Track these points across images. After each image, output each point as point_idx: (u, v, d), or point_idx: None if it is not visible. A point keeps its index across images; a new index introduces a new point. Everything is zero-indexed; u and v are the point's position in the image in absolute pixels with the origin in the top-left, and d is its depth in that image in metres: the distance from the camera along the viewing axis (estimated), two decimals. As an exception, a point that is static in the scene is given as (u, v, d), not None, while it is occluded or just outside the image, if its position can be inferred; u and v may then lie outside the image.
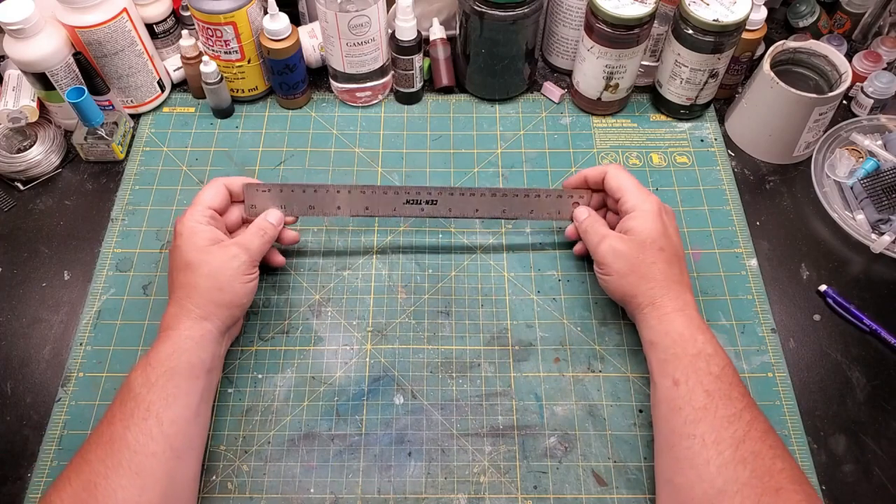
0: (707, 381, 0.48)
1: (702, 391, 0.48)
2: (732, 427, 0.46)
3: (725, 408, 0.47)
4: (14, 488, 0.53)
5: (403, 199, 0.60)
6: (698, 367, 0.49)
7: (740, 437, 0.45)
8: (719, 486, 0.44)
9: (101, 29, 0.65)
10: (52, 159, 0.71)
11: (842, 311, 0.61)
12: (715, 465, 0.45)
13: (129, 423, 0.46)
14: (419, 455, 0.54)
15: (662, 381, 0.50)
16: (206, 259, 0.53)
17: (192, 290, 0.52)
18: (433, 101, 0.77)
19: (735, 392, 0.48)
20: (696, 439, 0.46)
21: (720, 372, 0.49)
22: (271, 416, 0.56)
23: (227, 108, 0.75)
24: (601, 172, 0.59)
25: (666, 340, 0.51)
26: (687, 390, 0.48)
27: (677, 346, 0.50)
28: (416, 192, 0.60)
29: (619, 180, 0.57)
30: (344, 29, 0.67)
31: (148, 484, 0.45)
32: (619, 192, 0.57)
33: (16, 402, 0.57)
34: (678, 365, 0.50)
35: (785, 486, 0.44)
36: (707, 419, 0.46)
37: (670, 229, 0.56)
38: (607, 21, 0.65)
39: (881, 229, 0.65)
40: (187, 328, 0.51)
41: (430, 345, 0.59)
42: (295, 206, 0.60)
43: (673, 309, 0.52)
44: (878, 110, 0.74)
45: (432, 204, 0.61)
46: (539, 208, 0.61)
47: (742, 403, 0.47)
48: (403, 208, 0.61)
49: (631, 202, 0.56)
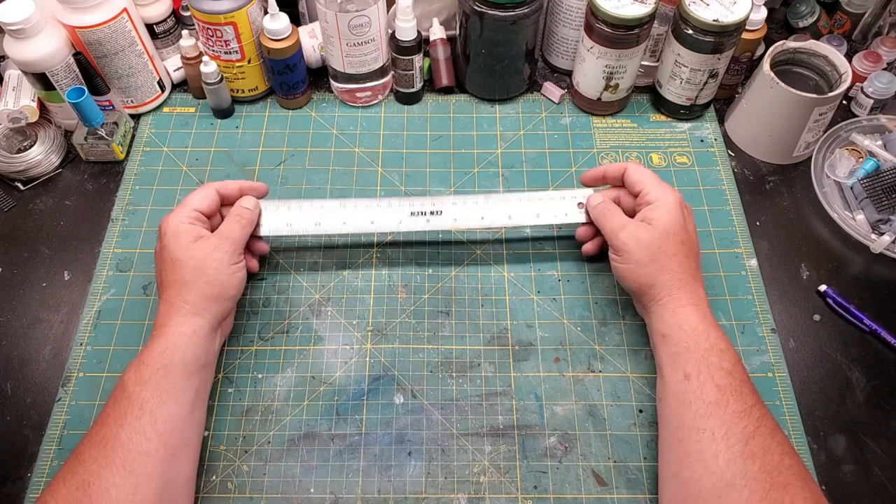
0: (719, 375, 0.48)
1: (713, 386, 0.48)
2: (742, 422, 0.46)
3: (736, 403, 0.47)
4: (14, 488, 0.53)
5: (408, 212, 0.60)
6: (710, 361, 0.49)
7: (750, 433, 0.46)
8: (728, 480, 0.44)
9: (102, 29, 0.65)
10: (53, 159, 0.71)
11: (842, 311, 0.61)
12: (724, 458, 0.45)
13: (122, 421, 0.46)
14: (419, 455, 0.54)
15: (673, 375, 0.50)
16: (191, 254, 0.53)
17: (180, 286, 0.52)
18: (433, 102, 0.77)
19: (745, 389, 0.48)
20: (705, 433, 0.46)
21: (731, 368, 0.49)
22: (271, 415, 0.56)
23: (227, 108, 0.75)
24: (621, 168, 0.59)
25: (679, 333, 0.51)
26: (698, 384, 0.48)
27: (690, 340, 0.50)
28: (421, 204, 0.60)
29: (640, 174, 0.57)
30: (344, 29, 0.67)
31: (142, 482, 0.45)
32: (641, 184, 0.57)
33: (16, 402, 0.57)
34: (690, 359, 0.49)
35: (793, 482, 0.44)
36: (718, 413, 0.47)
37: (689, 225, 0.56)
38: (607, 21, 0.65)
39: (881, 229, 0.65)
40: (178, 325, 0.51)
41: (430, 344, 0.59)
42: (301, 223, 0.60)
43: (688, 303, 0.52)
44: (878, 110, 0.74)
45: (437, 215, 0.60)
46: (545, 211, 0.61)
47: (752, 400, 0.48)
48: (409, 221, 0.60)
49: (653, 194, 0.56)
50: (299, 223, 0.60)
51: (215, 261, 0.53)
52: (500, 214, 0.61)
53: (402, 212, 0.60)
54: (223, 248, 0.54)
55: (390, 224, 0.60)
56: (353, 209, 0.60)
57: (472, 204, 0.61)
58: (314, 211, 0.60)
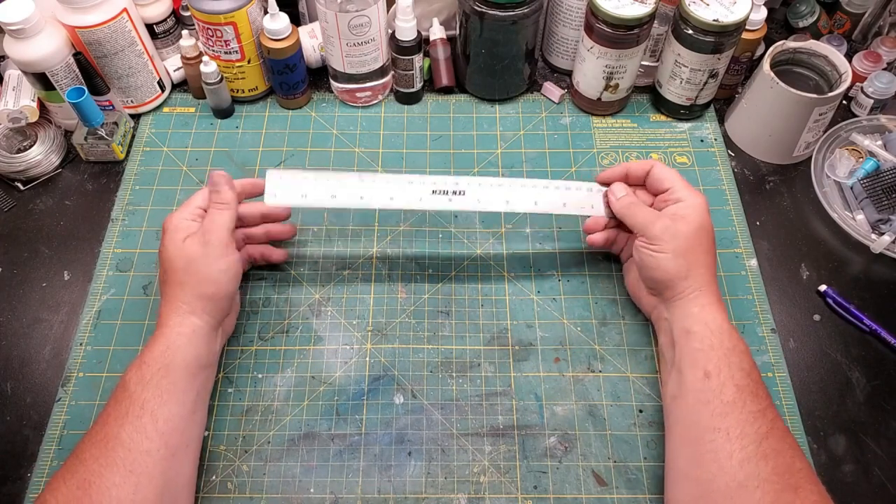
0: (738, 376, 0.48)
1: (733, 385, 0.48)
2: (757, 423, 0.46)
3: (752, 404, 0.47)
4: (14, 488, 0.53)
5: (430, 189, 0.58)
6: (732, 361, 0.49)
7: (763, 434, 0.46)
8: (740, 480, 0.44)
9: (101, 29, 0.65)
10: (53, 159, 0.71)
11: (842, 311, 0.61)
12: (737, 458, 0.45)
13: (123, 421, 0.46)
14: (419, 455, 0.54)
15: (692, 373, 0.50)
16: (182, 253, 0.52)
17: (175, 285, 0.52)
18: (433, 102, 0.77)
19: (761, 390, 0.48)
20: (720, 432, 0.46)
21: (750, 369, 0.49)
22: (271, 415, 0.56)
23: (227, 108, 0.75)
24: (646, 166, 0.58)
25: (705, 331, 0.51)
26: (718, 383, 0.48)
27: (714, 338, 0.50)
28: (444, 182, 0.58)
29: (667, 173, 0.57)
30: (344, 29, 0.67)
31: (142, 482, 0.44)
32: (669, 182, 0.56)
33: (16, 402, 0.57)
34: (712, 357, 0.49)
35: (803, 485, 0.44)
36: (734, 413, 0.47)
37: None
38: (607, 21, 0.65)
39: (881, 229, 0.65)
40: (177, 324, 0.51)
41: (430, 344, 0.59)
42: (316, 195, 0.57)
43: (716, 300, 0.53)
44: (878, 110, 0.74)
45: (460, 195, 0.58)
46: (572, 202, 0.59)
47: (766, 402, 0.48)
48: (430, 199, 0.58)
49: (681, 192, 0.55)
50: (314, 195, 0.57)
51: (202, 256, 0.52)
52: (526, 200, 0.58)
53: (423, 189, 0.57)
54: (210, 243, 0.52)
55: (410, 200, 0.57)
56: (372, 183, 0.57)
57: (496, 187, 0.58)
58: (331, 183, 0.57)
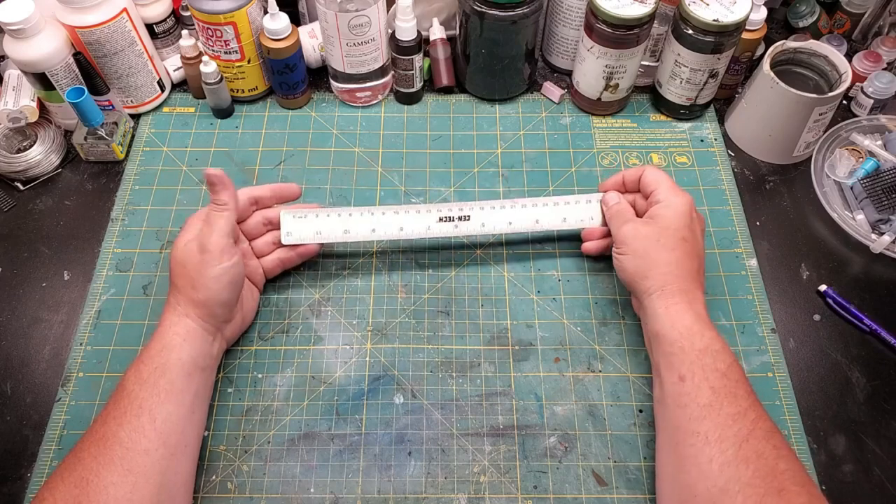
0: (713, 377, 0.48)
1: (707, 388, 0.47)
2: (736, 425, 0.46)
3: (730, 406, 0.46)
4: (14, 488, 0.53)
5: (436, 217, 0.60)
6: (705, 362, 0.48)
7: (744, 436, 0.45)
8: (721, 486, 0.44)
9: (101, 29, 0.65)
10: (52, 159, 0.71)
11: (842, 311, 0.61)
12: (717, 463, 0.44)
13: (122, 420, 0.46)
14: (419, 455, 0.54)
15: (668, 376, 0.50)
16: (180, 255, 0.52)
17: (173, 286, 0.53)
18: (433, 101, 0.77)
19: (741, 390, 0.48)
20: (699, 436, 0.46)
21: (726, 369, 0.48)
22: (271, 415, 0.56)
23: (227, 108, 0.75)
24: (639, 171, 0.59)
25: (672, 333, 0.50)
26: (693, 386, 0.48)
27: (684, 340, 0.50)
28: (449, 209, 0.60)
29: (655, 176, 0.58)
30: (344, 29, 0.67)
31: (140, 481, 0.45)
32: (654, 184, 0.57)
33: (16, 402, 0.57)
34: (685, 359, 0.49)
35: (788, 487, 0.43)
36: (711, 416, 0.46)
37: (696, 228, 0.56)
38: (607, 21, 0.65)
39: (881, 229, 0.65)
40: (172, 324, 0.51)
41: (430, 344, 0.59)
42: (330, 231, 0.60)
43: (682, 300, 0.52)
44: (878, 110, 0.74)
45: (465, 220, 0.60)
46: (571, 216, 0.61)
47: (747, 402, 0.47)
48: (437, 227, 0.60)
49: (663, 194, 0.56)
50: (328, 231, 0.60)
51: (198, 262, 0.51)
52: (527, 219, 0.61)
53: (430, 218, 0.60)
54: (207, 249, 0.51)
55: (419, 230, 0.60)
56: (382, 216, 0.60)
57: (498, 209, 0.61)
58: (343, 218, 0.60)
